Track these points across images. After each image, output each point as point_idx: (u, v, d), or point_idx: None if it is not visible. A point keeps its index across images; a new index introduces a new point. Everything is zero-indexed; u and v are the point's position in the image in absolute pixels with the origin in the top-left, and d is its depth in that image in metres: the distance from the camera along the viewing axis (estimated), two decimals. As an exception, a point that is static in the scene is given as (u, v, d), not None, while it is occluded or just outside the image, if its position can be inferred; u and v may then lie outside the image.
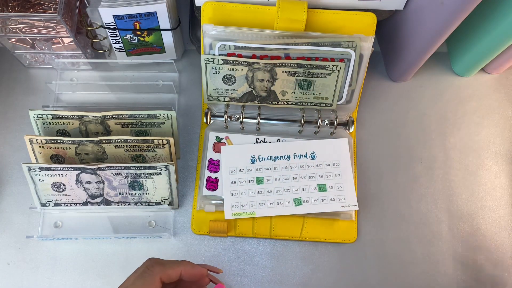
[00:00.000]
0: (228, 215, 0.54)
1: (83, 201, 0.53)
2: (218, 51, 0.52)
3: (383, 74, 0.64)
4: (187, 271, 0.42)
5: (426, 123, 0.61)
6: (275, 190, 0.55)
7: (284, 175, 0.55)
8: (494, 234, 0.57)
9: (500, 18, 0.52)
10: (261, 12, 0.52)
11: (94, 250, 0.54)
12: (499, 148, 0.61)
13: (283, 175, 0.55)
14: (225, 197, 0.54)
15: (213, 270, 0.46)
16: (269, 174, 0.55)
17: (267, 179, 0.55)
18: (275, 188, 0.55)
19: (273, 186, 0.55)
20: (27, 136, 0.51)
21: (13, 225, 0.55)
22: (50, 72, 0.62)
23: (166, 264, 0.42)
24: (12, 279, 0.53)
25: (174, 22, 0.56)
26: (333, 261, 0.55)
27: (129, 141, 0.52)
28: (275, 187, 0.55)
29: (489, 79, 0.64)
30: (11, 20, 0.53)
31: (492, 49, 0.56)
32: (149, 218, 0.55)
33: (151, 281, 0.40)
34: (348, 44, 0.52)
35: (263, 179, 0.55)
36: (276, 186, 0.55)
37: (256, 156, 0.56)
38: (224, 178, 0.55)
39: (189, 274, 0.43)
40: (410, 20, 0.54)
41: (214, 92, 0.55)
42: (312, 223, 0.55)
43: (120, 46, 0.57)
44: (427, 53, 0.54)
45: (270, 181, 0.55)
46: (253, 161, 0.56)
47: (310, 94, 0.55)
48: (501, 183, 0.59)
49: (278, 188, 0.55)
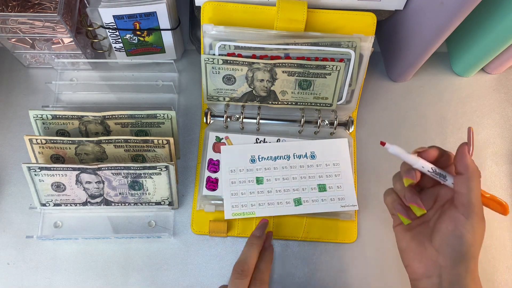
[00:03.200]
0: (228, 215, 0.54)
1: (83, 201, 0.53)
2: (218, 51, 0.52)
3: (383, 74, 0.64)
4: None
5: (426, 123, 0.61)
6: (275, 190, 0.55)
7: (284, 175, 0.55)
8: (494, 234, 0.57)
9: (500, 18, 0.52)
10: (261, 12, 0.52)
11: (94, 250, 0.54)
12: (499, 148, 0.61)
13: (283, 175, 0.55)
14: (225, 197, 0.54)
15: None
16: (269, 174, 0.55)
17: (267, 179, 0.55)
18: (275, 188, 0.55)
19: (273, 186, 0.55)
20: (27, 136, 0.51)
21: (13, 225, 0.55)
22: (50, 72, 0.62)
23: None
24: (12, 279, 0.53)
25: (174, 22, 0.56)
26: (333, 261, 0.55)
27: (129, 141, 0.52)
28: (275, 187, 0.55)
29: (489, 79, 0.64)
30: (11, 20, 0.53)
31: (492, 49, 0.56)
32: (149, 218, 0.55)
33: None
34: (348, 44, 0.52)
35: (263, 179, 0.55)
36: (276, 186, 0.55)
37: (256, 156, 0.56)
38: (224, 178, 0.55)
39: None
40: (410, 20, 0.54)
41: (214, 92, 0.55)
42: (312, 223, 0.55)
43: (120, 46, 0.57)
44: (427, 53, 0.54)
45: (270, 181, 0.55)
46: (253, 161, 0.56)
47: (310, 94, 0.55)
48: (501, 183, 0.59)
49: (278, 188, 0.55)
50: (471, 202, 0.38)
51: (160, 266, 0.54)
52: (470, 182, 0.38)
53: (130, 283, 0.53)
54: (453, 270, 0.38)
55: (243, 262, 0.46)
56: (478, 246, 0.38)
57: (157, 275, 0.53)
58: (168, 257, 0.54)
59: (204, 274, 0.54)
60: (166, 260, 0.54)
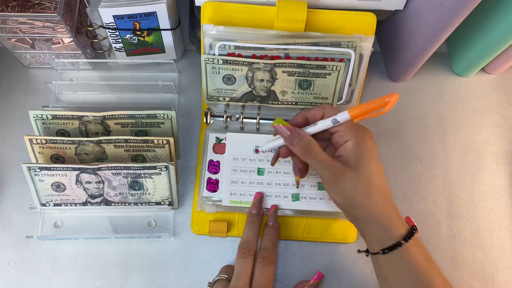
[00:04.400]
0: (226, 201, 0.54)
1: (83, 201, 0.53)
2: (218, 51, 0.52)
3: (383, 74, 0.64)
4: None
5: (426, 123, 0.61)
6: (275, 183, 0.55)
7: (286, 169, 0.55)
8: (494, 234, 0.57)
9: (500, 18, 0.52)
10: (261, 12, 0.52)
11: (94, 250, 0.54)
12: (499, 148, 0.61)
13: (285, 169, 0.55)
14: (224, 183, 0.54)
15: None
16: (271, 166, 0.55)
17: (268, 171, 0.55)
18: (275, 181, 0.55)
19: (273, 179, 0.55)
20: (27, 136, 0.51)
21: (13, 225, 0.55)
22: (50, 72, 0.62)
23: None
24: (12, 279, 0.53)
25: (174, 22, 0.56)
26: (333, 261, 0.55)
27: (129, 141, 0.52)
28: (275, 180, 0.55)
29: (489, 79, 0.64)
30: (11, 20, 0.53)
31: (492, 49, 0.56)
32: (149, 218, 0.55)
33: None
34: (348, 44, 0.52)
35: (264, 171, 0.55)
36: (276, 179, 0.55)
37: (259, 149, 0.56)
38: (226, 164, 0.55)
39: None
40: (410, 20, 0.54)
41: (214, 92, 0.55)
42: (312, 223, 0.55)
43: (120, 46, 0.57)
44: (427, 53, 0.54)
45: (271, 173, 0.55)
46: (256, 151, 0.56)
47: (310, 94, 0.55)
48: (501, 183, 0.59)
49: (277, 181, 0.55)
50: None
51: (160, 266, 0.54)
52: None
53: (130, 283, 0.53)
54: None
55: (247, 242, 0.49)
56: (367, 152, 0.43)
57: (157, 275, 0.53)
58: (168, 257, 0.54)
59: (204, 274, 0.54)
60: (166, 260, 0.54)
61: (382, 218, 0.42)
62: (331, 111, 0.45)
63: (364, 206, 0.42)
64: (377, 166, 0.43)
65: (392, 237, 0.42)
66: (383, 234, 0.42)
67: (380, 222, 0.42)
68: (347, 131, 0.43)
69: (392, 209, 0.43)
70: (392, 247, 0.41)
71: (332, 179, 0.43)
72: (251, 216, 0.52)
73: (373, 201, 0.42)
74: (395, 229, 0.42)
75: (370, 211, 0.42)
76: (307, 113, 0.46)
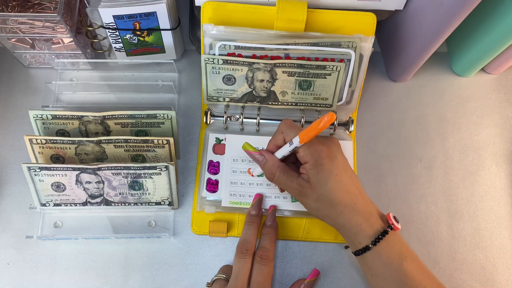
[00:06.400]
0: (225, 202, 0.54)
1: (83, 201, 0.53)
2: (218, 51, 0.52)
3: (383, 74, 0.64)
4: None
5: (426, 123, 0.61)
6: (274, 184, 0.55)
7: None
8: (494, 234, 0.57)
9: (500, 18, 0.52)
10: (261, 12, 0.52)
11: (94, 250, 0.54)
12: (499, 148, 0.61)
13: None
14: (224, 184, 0.54)
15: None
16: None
17: None
18: None
19: None
20: (27, 136, 0.51)
21: (13, 225, 0.55)
22: (50, 72, 0.62)
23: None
24: (12, 279, 0.53)
25: (174, 22, 0.56)
26: (333, 261, 0.55)
27: (129, 141, 0.52)
28: None
29: (489, 79, 0.64)
30: (11, 20, 0.53)
31: (492, 49, 0.56)
32: (149, 218, 0.55)
33: None
34: (348, 44, 0.52)
35: None
36: None
37: (260, 148, 0.56)
38: (226, 166, 0.55)
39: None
40: (410, 20, 0.54)
41: (214, 92, 0.55)
42: (312, 223, 0.55)
43: (120, 46, 0.57)
44: (427, 53, 0.54)
45: None
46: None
47: (310, 95, 0.55)
48: (501, 183, 0.59)
49: None
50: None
51: (160, 266, 0.54)
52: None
53: (130, 283, 0.53)
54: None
55: (246, 242, 0.50)
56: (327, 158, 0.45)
57: (157, 275, 0.53)
58: (168, 257, 0.54)
59: (204, 274, 0.54)
60: (166, 260, 0.54)
61: (350, 226, 0.45)
62: (289, 133, 0.46)
63: (330, 218, 0.46)
64: (336, 182, 0.45)
65: (362, 241, 0.44)
66: (352, 238, 0.45)
67: (348, 229, 0.45)
68: (305, 151, 0.46)
69: (361, 215, 0.45)
70: (361, 250, 0.45)
71: (297, 198, 0.48)
72: (249, 216, 0.53)
73: (337, 213, 0.45)
74: (364, 234, 0.44)
75: (336, 221, 0.46)
76: (273, 140, 0.49)
